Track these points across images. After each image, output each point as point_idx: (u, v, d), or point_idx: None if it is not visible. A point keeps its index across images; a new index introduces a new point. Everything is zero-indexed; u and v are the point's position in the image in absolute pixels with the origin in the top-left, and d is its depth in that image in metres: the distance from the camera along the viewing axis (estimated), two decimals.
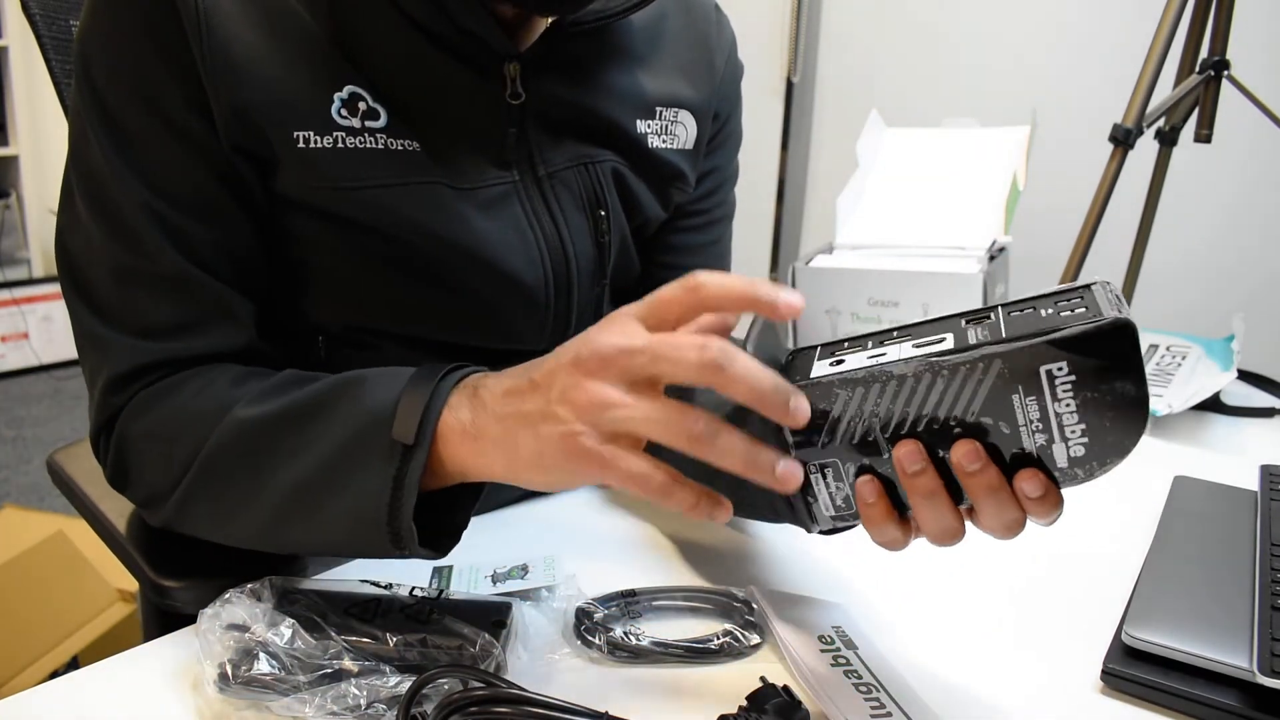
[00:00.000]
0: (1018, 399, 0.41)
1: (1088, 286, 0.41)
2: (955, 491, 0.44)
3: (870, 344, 0.45)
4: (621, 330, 0.44)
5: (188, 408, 0.56)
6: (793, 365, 0.47)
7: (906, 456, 0.43)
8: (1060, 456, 0.42)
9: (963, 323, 0.43)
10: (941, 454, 0.43)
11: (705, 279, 0.44)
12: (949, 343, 0.42)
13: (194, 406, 0.55)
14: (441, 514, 0.52)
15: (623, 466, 0.44)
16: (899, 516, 0.46)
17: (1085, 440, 0.41)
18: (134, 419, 0.58)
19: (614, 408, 0.43)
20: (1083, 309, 0.40)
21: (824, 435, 0.45)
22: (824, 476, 0.47)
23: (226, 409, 0.54)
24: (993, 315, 0.43)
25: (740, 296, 0.43)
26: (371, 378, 0.52)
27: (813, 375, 0.44)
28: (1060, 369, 0.40)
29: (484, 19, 0.59)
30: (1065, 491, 0.43)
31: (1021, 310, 0.42)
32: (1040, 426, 0.41)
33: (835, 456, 0.46)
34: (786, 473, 0.43)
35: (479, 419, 0.47)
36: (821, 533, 0.51)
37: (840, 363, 0.45)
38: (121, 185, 0.55)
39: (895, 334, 0.45)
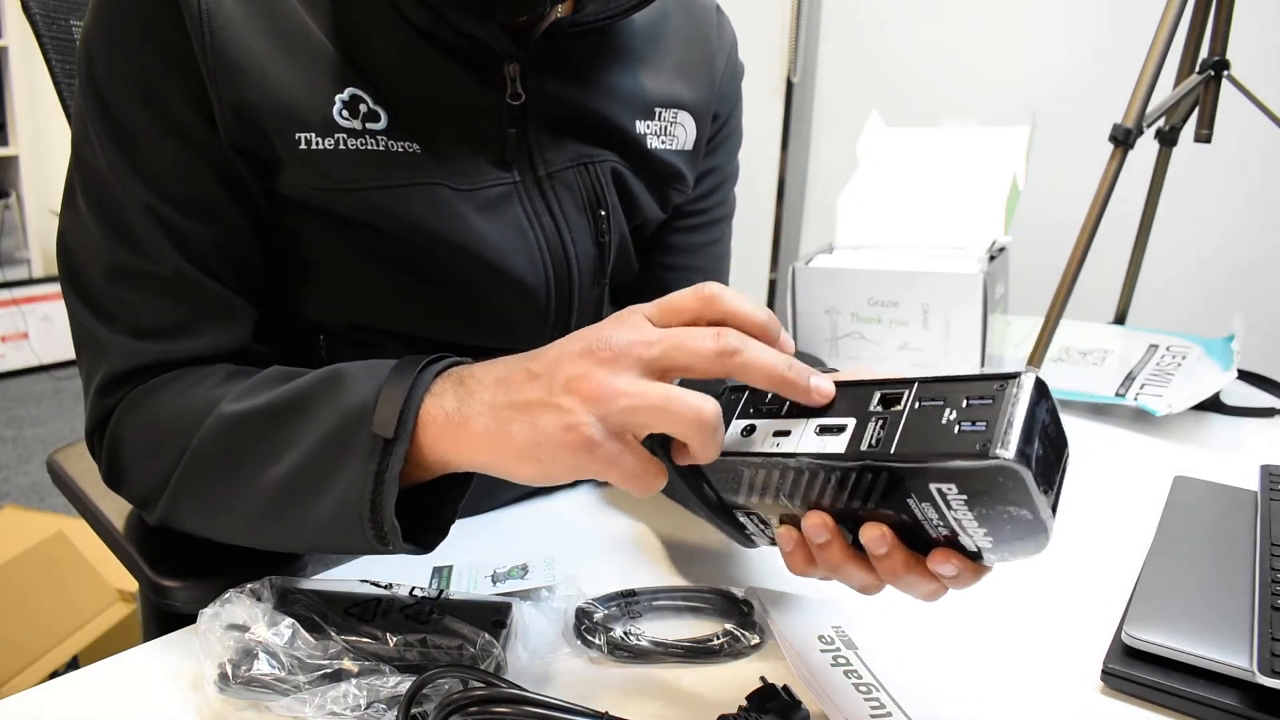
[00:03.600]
0: (913, 502, 0.40)
1: (1006, 381, 0.38)
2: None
3: (785, 408, 0.45)
4: (635, 325, 0.44)
5: (175, 405, 0.56)
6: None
7: (813, 529, 0.43)
8: (970, 545, 0.41)
9: (872, 402, 0.42)
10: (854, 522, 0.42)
11: (720, 292, 0.44)
12: (845, 438, 0.41)
13: (181, 404, 0.55)
14: (429, 508, 0.51)
15: (627, 464, 0.43)
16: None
17: (991, 539, 0.40)
18: (125, 418, 0.58)
19: (625, 397, 0.42)
20: (983, 423, 0.37)
21: (740, 495, 0.46)
22: (750, 520, 0.48)
23: (213, 405, 0.54)
24: (904, 398, 0.41)
25: (750, 320, 0.44)
26: (353, 371, 0.51)
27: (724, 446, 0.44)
28: (950, 488, 0.38)
29: (483, 21, 0.58)
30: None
31: (931, 400, 0.40)
32: (941, 524, 0.40)
33: (755, 510, 0.47)
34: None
35: (466, 408, 0.46)
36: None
37: (750, 431, 0.45)
38: (123, 185, 0.56)
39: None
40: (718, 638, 0.53)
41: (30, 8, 0.76)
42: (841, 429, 0.42)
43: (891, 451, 0.39)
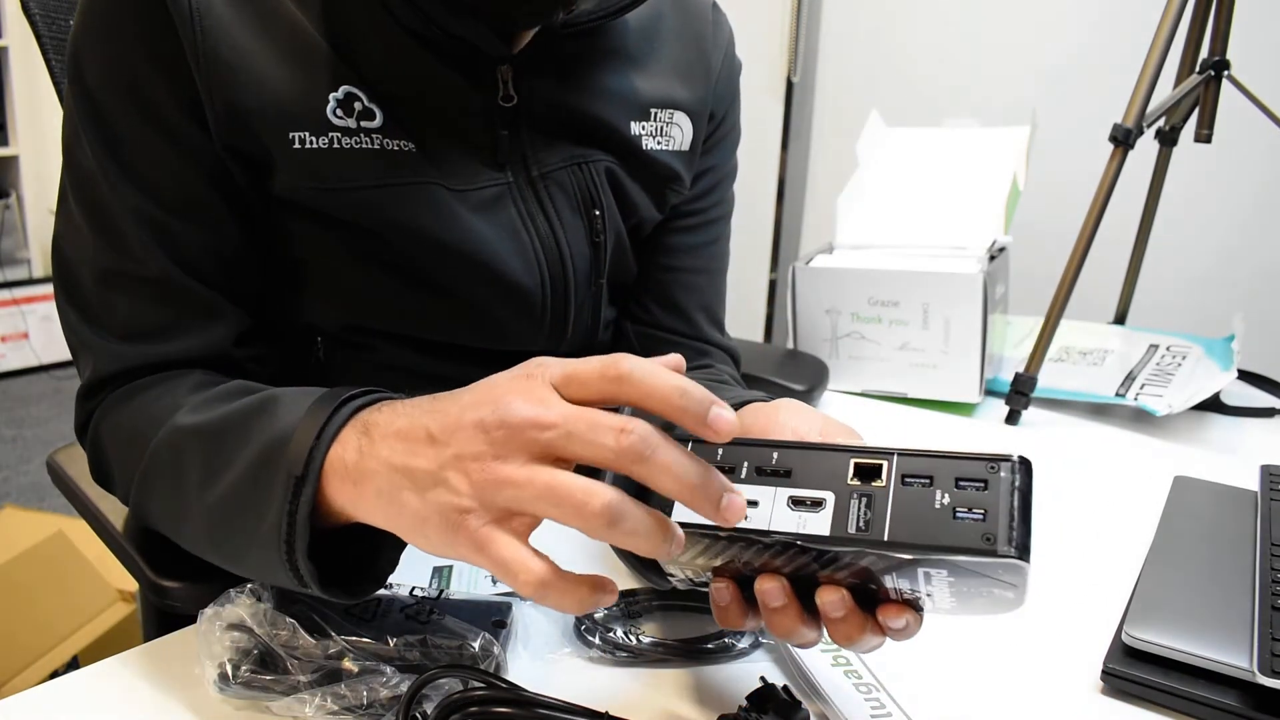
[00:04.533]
0: (890, 579, 0.39)
1: (998, 463, 0.37)
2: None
3: (744, 471, 0.41)
4: (538, 398, 0.39)
5: (145, 411, 0.55)
6: None
7: (768, 594, 0.42)
8: (929, 608, 0.42)
9: (847, 474, 0.39)
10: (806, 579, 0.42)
11: (632, 371, 0.39)
12: (825, 517, 0.39)
13: (151, 410, 0.55)
14: (364, 555, 0.48)
15: (496, 554, 0.39)
16: (753, 610, 0.44)
17: (955, 604, 0.41)
18: (103, 421, 0.58)
19: (510, 486, 0.38)
20: (981, 511, 0.36)
21: (684, 558, 0.43)
22: (682, 569, 0.46)
23: (173, 413, 0.52)
24: (883, 472, 0.39)
25: (666, 401, 0.38)
26: (286, 397, 0.49)
27: (676, 519, 0.41)
28: (939, 572, 0.38)
29: (474, 24, 0.58)
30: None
31: (916, 477, 0.38)
32: (910, 593, 0.40)
33: (696, 568, 0.45)
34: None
35: (364, 462, 0.42)
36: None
37: None
38: (112, 187, 0.55)
39: (780, 467, 0.41)
40: (718, 638, 0.53)
41: (30, 8, 0.75)
42: (818, 504, 0.39)
43: (885, 538, 0.37)
